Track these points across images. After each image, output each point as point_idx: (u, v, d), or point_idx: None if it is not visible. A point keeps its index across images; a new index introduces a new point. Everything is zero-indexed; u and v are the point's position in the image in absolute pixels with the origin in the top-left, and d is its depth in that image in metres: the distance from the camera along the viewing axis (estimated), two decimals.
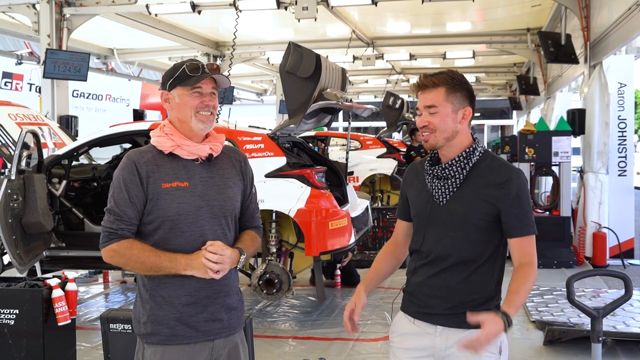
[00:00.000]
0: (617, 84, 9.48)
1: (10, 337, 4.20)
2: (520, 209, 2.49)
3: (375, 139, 13.55)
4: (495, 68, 20.06)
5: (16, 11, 10.61)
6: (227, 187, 2.58)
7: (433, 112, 2.53)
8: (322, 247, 6.05)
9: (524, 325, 6.14)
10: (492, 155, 2.60)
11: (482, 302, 2.53)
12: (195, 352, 2.50)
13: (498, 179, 2.50)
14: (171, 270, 2.41)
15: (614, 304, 3.41)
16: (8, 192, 5.74)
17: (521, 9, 11.92)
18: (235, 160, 2.67)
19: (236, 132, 6.54)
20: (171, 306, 2.47)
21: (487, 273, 2.55)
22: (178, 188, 2.47)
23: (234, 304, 2.60)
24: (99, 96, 18.46)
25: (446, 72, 2.56)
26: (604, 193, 9.19)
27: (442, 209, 2.55)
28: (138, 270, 2.47)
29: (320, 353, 5.37)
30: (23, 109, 7.61)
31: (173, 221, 2.46)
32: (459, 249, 2.52)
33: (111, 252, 2.46)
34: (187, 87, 2.51)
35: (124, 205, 2.44)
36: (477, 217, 2.50)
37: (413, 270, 2.66)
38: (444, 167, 2.54)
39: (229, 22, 12.19)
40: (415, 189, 2.68)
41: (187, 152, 2.51)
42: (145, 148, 2.56)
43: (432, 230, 2.57)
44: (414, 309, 2.63)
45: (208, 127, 2.54)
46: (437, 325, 2.56)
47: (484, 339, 2.27)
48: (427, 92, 2.54)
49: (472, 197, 2.51)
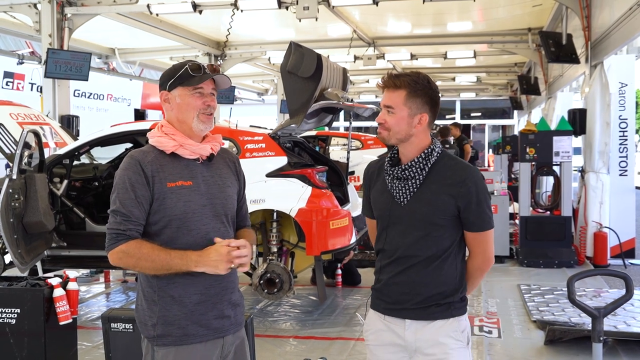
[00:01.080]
0: (618, 84, 9.47)
1: (12, 337, 4.21)
2: (479, 206, 2.58)
3: (376, 138, 13.53)
4: (496, 68, 20.04)
5: (17, 11, 10.61)
6: (226, 186, 2.61)
7: (390, 112, 2.59)
8: (323, 246, 6.06)
9: (524, 325, 6.14)
10: (449, 155, 2.68)
11: (448, 294, 2.62)
12: (208, 350, 2.51)
13: (456, 177, 2.57)
14: (182, 268, 2.38)
15: (615, 304, 3.41)
16: (9, 191, 5.75)
17: (522, 8, 11.91)
18: (229, 161, 2.71)
19: (237, 132, 6.54)
20: (182, 306, 2.47)
21: (450, 267, 2.63)
22: (183, 187, 2.48)
23: (238, 299, 2.64)
24: (100, 96, 18.47)
25: (411, 75, 2.59)
26: (605, 193, 9.18)
27: (403, 209, 2.61)
28: (147, 270, 2.43)
29: (321, 352, 5.37)
30: (24, 108, 7.61)
31: (180, 220, 2.46)
32: (422, 247, 2.60)
33: (120, 254, 2.41)
34: (189, 88, 2.51)
35: (131, 206, 2.42)
36: (438, 215, 2.58)
37: (380, 269, 2.72)
38: (404, 168, 2.60)
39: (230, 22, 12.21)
40: (377, 189, 2.74)
41: (190, 151, 2.52)
42: (146, 148, 2.55)
43: (394, 230, 2.64)
44: (383, 306, 2.70)
45: (208, 127, 2.56)
46: (405, 319, 2.63)
47: None
48: (389, 91, 2.60)
49: (432, 196, 2.58)
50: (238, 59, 15.68)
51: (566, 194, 9.27)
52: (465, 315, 2.68)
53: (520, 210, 9.59)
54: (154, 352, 2.51)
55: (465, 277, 2.68)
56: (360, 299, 7.25)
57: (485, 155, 26.51)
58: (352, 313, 6.68)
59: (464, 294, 2.68)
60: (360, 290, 7.70)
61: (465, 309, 2.68)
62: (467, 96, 26.07)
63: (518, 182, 10.15)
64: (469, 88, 24.67)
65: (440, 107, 2.69)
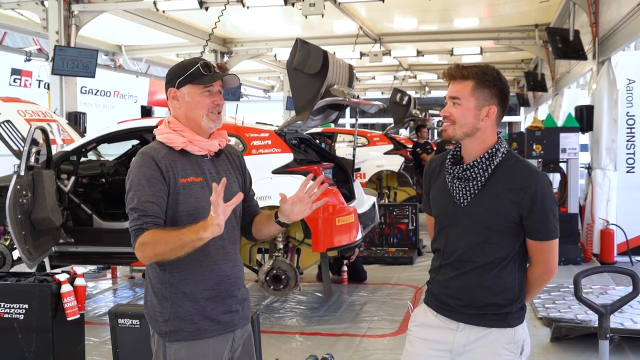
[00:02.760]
0: (625, 80, 9.41)
1: (20, 332, 4.23)
2: (543, 214, 2.45)
3: (383, 135, 13.53)
4: (502, 64, 19.98)
5: (25, 8, 10.66)
6: (232, 182, 2.64)
7: (456, 104, 2.49)
8: (329, 243, 6.06)
9: (530, 322, 6.13)
10: (516, 157, 2.54)
11: (506, 303, 2.51)
12: (219, 344, 2.55)
13: (521, 182, 2.44)
14: (194, 239, 2.28)
15: (621, 301, 3.40)
16: (17, 188, 5.78)
17: (529, 4, 11.87)
18: (233, 156, 2.74)
19: (243, 129, 6.55)
20: (194, 302, 2.50)
21: (509, 275, 2.52)
22: (194, 183, 2.51)
23: (245, 294, 2.69)
24: (107, 93, 18.49)
25: (479, 66, 2.49)
26: (611, 190, 9.15)
27: (462, 211, 2.51)
28: (167, 255, 2.36)
29: (327, 349, 5.38)
30: (32, 105, 7.65)
31: (192, 215, 2.47)
32: (479, 253, 2.49)
33: (141, 247, 2.39)
34: (199, 86, 2.52)
35: (148, 202, 2.42)
36: (498, 222, 2.46)
37: (437, 269, 2.63)
38: (466, 168, 2.49)
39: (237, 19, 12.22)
40: (436, 187, 2.64)
41: (199, 147, 2.54)
42: (155, 145, 2.56)
43: (453, 232, 2.55)
44: (437, 304, 2.62)
45: (217, 125, 2.59)
46: (459, 322, 2.55)
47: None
48: (455, 83, 2.50)
49: (493, 200, 2.46)
50: (244, 55, 15.69)
51: (573, 191, 9.24)
52: (523, 324, 2.57)
53: None
54: (166, 348, 2.52)
55: (524, 285, 2.58)
56: (367, 295, 7.26)
57: None
58: (358, 310, 6.68)
59: (523, 303, 2.58)
60: (366, 286, 7.70)
61: (523, 318, 2.58)
62: None
63: None
64: None
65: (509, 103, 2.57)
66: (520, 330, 2.56)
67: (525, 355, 2.58)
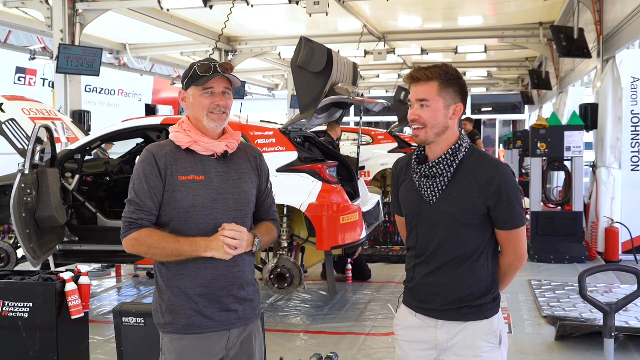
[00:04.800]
0: (630, 79, 9.40)
1: (24, 330, 4.23)
2: (509, 204, 2.51)
3: (387, 133, 13.52)
4: (507, 62, 19.95)
5: (29, 7, 10.67)
6: (242, 182, 2.66)
7: (425, 106, 2.52)
8: (334, 241, 6.06)
9: (535, 321, 6.12)
10: (479, 151, 2.60)
11: (479, 296, 2.57)
12: (212, 341, 2.58)
13: (485, 175, 2.50)
14: (192, 254, 2.48)
15: (626, 300, 3.40)
16: (22, 186, 5.79)
17: (534, 2, 11.85)
18: (251, 157, 2.76)
19: (248, 127, 6.55)
20: (187, 297, 2.55)
21: (482, 268, 2.58)
22: (194, 181, 2.56)
23: (249, 295, 2.67)
24: (112, 91, 18.52)
25: (440, 66, 2.55)
26: (616, 188, 9.14)
27: (432, 208, 2.57)
28: (159, 257, 2.54)
29: (331, 347, 5.37)
30: (36, 104, 7.65)
31: (188, 213, 2.54)
32: (451, 247, 2.55)
33: (132, 241, 2.52)
34: (199, 87, 2.59)
35: (144, 196, 2.53)
36: (466, 215, 2.52)
37: (413, 268, 2.68)
38: (432, 165, 2.55)
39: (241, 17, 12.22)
40: (405, 187, 2.69)
41: (204, 148, 2.60)
42: (164, 142, 2.66)
43: (423, 229, 2.60)
44: (415, 304, 2.67)
45: (220, 125, 2.62)
46: (437, 319, 2.60)
47: None
48: (420, 85, 2.54)
49: (460, 195, 2.52)
50: (248, 54, 15.67)
51: (577, 189, 9.21)
52: (498, 314, 2.63)
53: (531, 206, 9.55)
54: (163, 339, 2.62)
55: (497, 276, 2.64)
56: (371, 294, 7.26)
57: (496, 150, 26.41)
58: (362, 308, 6.69)
59: (497, 293, 2.63)
60: (371, 285, 7.70)
61: (498, 309, 2.64)
62: (478, 91, 25.96)
63: (529, 177, 10.10)
64: (480, 83, 24.57)
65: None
66: (497, 320, 2.61)
67: (505, 345, 2.62)
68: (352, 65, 6.88)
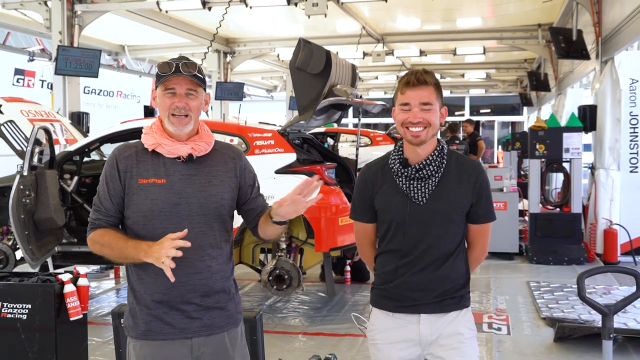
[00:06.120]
0: (629, 80, 9.40)
1: (23, 332, 4.23)
2: (487, 199, 2.69)
3: (385, 135, 13.54)
4: (505, 64, 19.97)
5: (28, 8, 10.67)
6: (210, 185, 2.53)
7: (428, 109, 2.58)
8: (332, 243, 6.06)
9: (534, 322, 6.13)
10: (455, 152, 2.74)
11: (459, 287, 2.69)
12: (174, 348, 2.49)
13: (468, 173, 2.65)
14: (135, 257, 2.39)
15: (625, 301, 3.39)
16: (20, 187, 5.78)
17: (532, 4, 11.87)
18: (228, 157, 2.63)
19: (246, 129, 6.55)
20: (145, 302, 2.50)
21: (461, 261, 2.70)
22: (154, 185, 2.48)
23: (219, 303, 2.55)
24: (110, 92, 18.50)
25: (429, 72, 2.63)
26: (615, 189, 9.14)
27: (422, 208, 2.62)
28: (112, 257, 2.50)
29: (330, 349, 5.38)
30: (35, 105, 7.65)
31: (146, 217, 2.47)
32: (442, 245, 2.63)
33: (90, 241, 2.54)
34: (161, 87, 2.50)
35: (103, 198, 2.53)
36: (456, 212, 2.63)
37: (394, 269, 2.68)
38: (419, 167, 2.61)
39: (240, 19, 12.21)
40: (385, 192, 2.69)
41: (166, 150, 2.51)
42: (132, 143, 2.59)
43: (412, 231, 2.63)
44: (392, 304, 2.70)
45: (180, 129, 2.50)
46: (420, 314, 2.65)
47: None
48: (423, 88, 2.58)
49: (451, 193, 2.62)
50: (247, 55, 15.69)
51: (576, 191, 9.22)
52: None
53: (529, 207, 9.56)
54: (128, 342, 2.58)
55: (469, 268, 2.77)
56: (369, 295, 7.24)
57: (494, 151, 26.42)
58: (361, 309, 6.68)
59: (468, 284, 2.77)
60: (369, 286, 7.67)
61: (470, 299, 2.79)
62: (476, 92, 25.97)
63: (528, 179, 10.11)
64: (478, 84, 24.58)
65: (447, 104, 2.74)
66: (471, 311, 2.76)
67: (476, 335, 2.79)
68: (351, 66, 6.88)
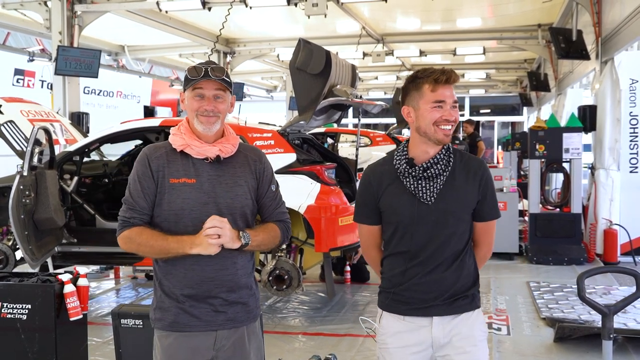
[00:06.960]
0: (628, 80, 9.40)
1: (23, 332, 4.23)
2: (492, 196, 2.67)
3: (385, 135, 13.52)
4: (505, 64, 19.97)
5: (28, 8, 10.68)
6: (236, 185, 2.66)
7: (456, 107, 2.58)
8: (332, 243, 6.06)
9: (534, 322, 6.13)
10: (459, 150, 2.70)
11: (469, 286, 2.65)
12: (199, 340, 2.61)
13: (474, 170, 2.62)
14: (179, 251, 2.52)
15: (625, 301, 3.39)
16: (20, 188, 5.79)
17: (532, 4, 11.87)
18: (250, 159, 2.74)
19: (246, 129, 6.55)
20: (174, 296, 2.61)
21: (470, 259, 2.67)
22: (185, 184, 2.59)
23: (241, 299, 2.68)
24: (110, 93, 18.51)
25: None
26: (615, 190, 9.14)
27: (430, 208, 2.57)
28: (149, 254, 2.61)
29: (330, 349, 5.38)
30: (35, 105, 7.65)
31: (177, 215, 2.58)
32: (451, 244, 2.60)
33: (125, 239, 2.61)
34: (189, 90, 2.61)
35: (137, 196, 2.60)
36: (466, 211, 2.62)
37: (403, 272, 2.63)
38: (427, 166, 2.57)
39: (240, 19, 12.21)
40: (391, 193, 2.64)
41: (196, 151, 2.62)
42: (161, 144, 2.69)
43: (421, 231, 2.58)
44: (404, 308, 2.64)
45: (209, 129, 2.62)
46: (432, 316, 2.61)
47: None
48: (452, 87, 2.56)
49: (460, 192, 2.59)
50: (247, 55, 15.68)
51: (576, 191, 9.22)
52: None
53: (529, 207, 9.55)
54: (155, 334, 2.69)
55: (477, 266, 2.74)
56: (369, 295, 7.25)
57: (494, 152, 26.41)
58: (360, 310, 6.68)
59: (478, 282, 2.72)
60: (369, 287, 7.70)
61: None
62: (476, 93, 25.97)
63: (527, 179, 10.11)
64: (478, 85, 24.59)
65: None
66: (482, 312, 2.71)
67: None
68: (351, 66, 6.88)
